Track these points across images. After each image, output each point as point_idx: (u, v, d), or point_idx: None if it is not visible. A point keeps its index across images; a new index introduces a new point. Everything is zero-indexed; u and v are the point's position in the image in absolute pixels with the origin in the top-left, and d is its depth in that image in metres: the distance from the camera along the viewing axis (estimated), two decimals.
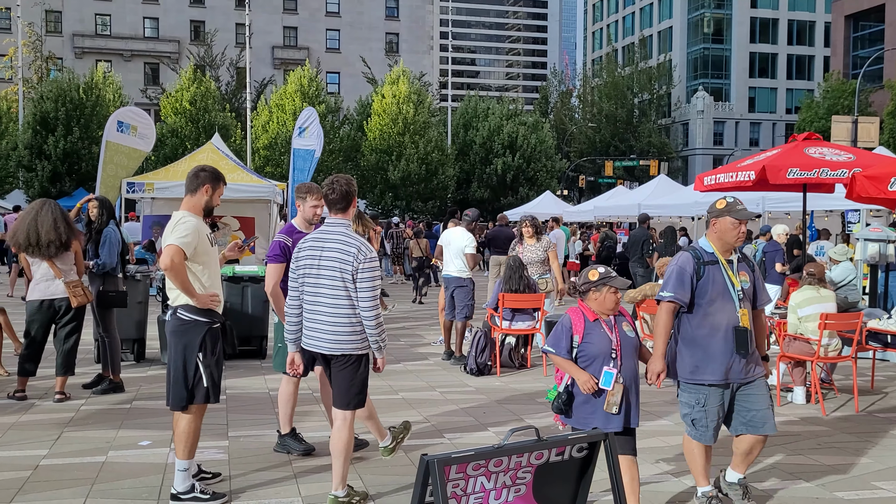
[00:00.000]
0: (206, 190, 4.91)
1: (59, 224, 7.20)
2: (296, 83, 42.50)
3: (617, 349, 4.29)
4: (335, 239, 4.60)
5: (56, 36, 59.60)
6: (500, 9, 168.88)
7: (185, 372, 4.79)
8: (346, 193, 4.72)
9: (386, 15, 67.34)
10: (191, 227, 4.72)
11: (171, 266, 4.62)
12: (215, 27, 58.37)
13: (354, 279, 4.50)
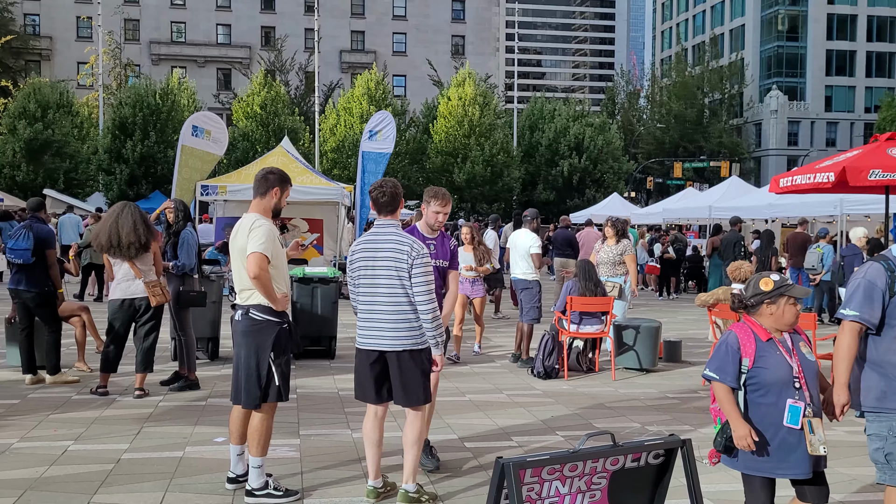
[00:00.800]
0: (275, 193, 5.02)
1: (138, 226, 7.45)
2: (363, 86, 43.01)
3: (800, 377, 3.56)
4: (388, 239, 4.71)
5: (134, 44, 61.63)
6: (566, 9, 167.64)
7: (258, 371, 4.89)
8: (394, 196, 4.88)
9: (452, 18, 67.58)
10: (266, 232, 4.83)
11: (259, 274, 4.73)
12: (285, 33, 59.49)
13: (410, 275, 4.60)
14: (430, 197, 5.52)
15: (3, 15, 55.24)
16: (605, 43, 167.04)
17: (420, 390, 4.73)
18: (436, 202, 5.49)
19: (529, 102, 50.86)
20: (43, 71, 57.39)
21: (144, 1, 62.77)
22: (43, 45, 60.69)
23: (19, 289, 8.08)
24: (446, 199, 5.51)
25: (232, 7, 64.38)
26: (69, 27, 61.34)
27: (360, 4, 66.29)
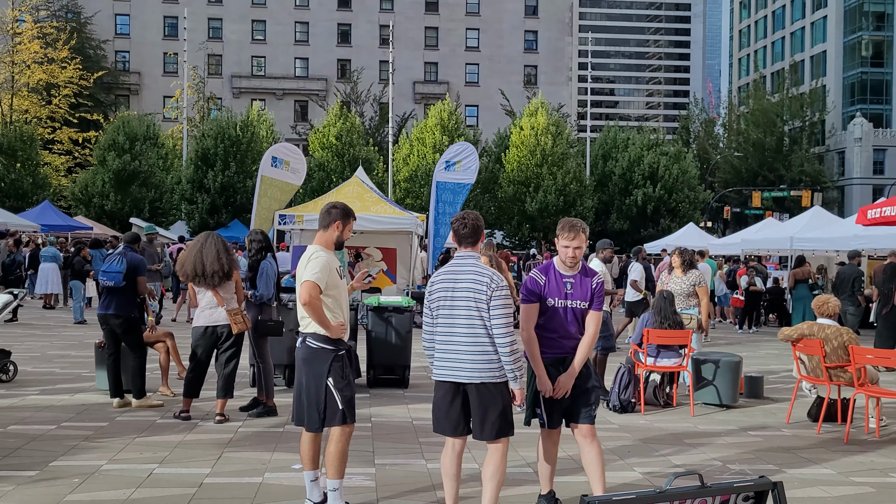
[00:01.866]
0: (337, 226, 5.22)
1: (221, 255, 7.69)
2: (436, 117, 43.50)
3: None
4: (467, 270, 4.70)
5: (216, 78, 63.92)
6: (640, 38, 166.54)
7: (317, 396, 5.05)
8: (475, 228, 4.83)
9: (525, 48, 67.93)
10: (322, 263, 5.02)
11: (308, 301, 4.93)
12: (361, 65, 60.85)
13: (488, 307, 4.57)
14: (559, 230, 5.11)
15: (96, 52, 58.13)
16: (679, 71, 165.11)
17: (499, 424, 4.68)
18: (563, 235, 5.04)
19: (602, 131, 50.55)
20: (132, 105, 60.01)
21: (227, 37, 65.16)
22: (132, 81, 63.52)
23: (108, 314, 8.39)
24: (575, 230, 4.99)
25: (310, 41, 66.21)
26: (156, 63, 64.08)
27: (433, 36, 67.32)
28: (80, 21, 58.04)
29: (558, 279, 5.02)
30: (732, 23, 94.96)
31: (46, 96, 44.79)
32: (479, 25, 67.51)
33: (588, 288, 5.04)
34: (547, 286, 5.01)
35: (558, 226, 5.16)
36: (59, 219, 30.52)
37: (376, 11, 66.31)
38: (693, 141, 62.37)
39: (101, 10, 62.04)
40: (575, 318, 5.01)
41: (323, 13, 66.16)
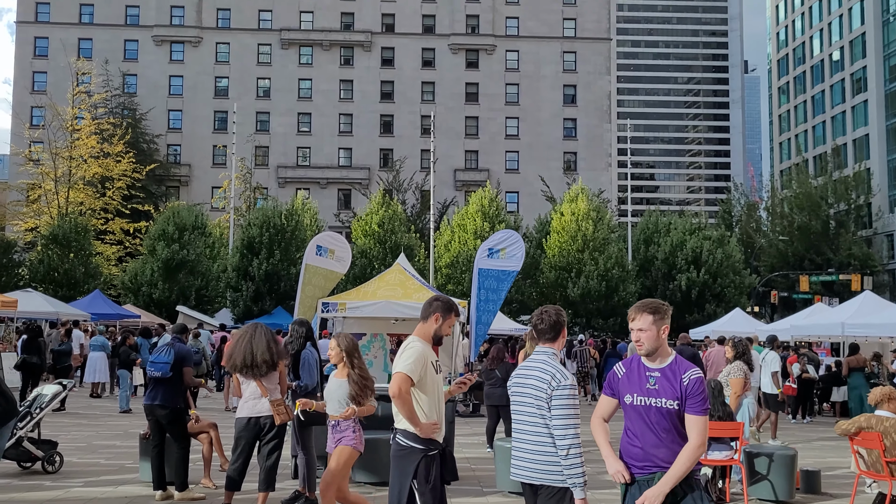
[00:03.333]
0: (437, 318, 5.07)
1: (269, 346, 7.74)
2: (477, 203, 43.97)
3: None
4: (535, 367, 4.60)
5: (263, 168, 65.80)
6: (679, 123, 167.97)
7: (399, 496, 4.88)
8: (555, 324, 4.70)
9: (564, 135, 68.89)
10: (417, 353, 4.86)
11: (398, 394, 4.77)
12: (403, 154, 62.26)
13: (549, 407, 4.41)
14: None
15: (149, 146, 60.46)
16: (720, 155, 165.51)
17: None
18: (629, 317, 4.42)
19: (644, 216, 50.50)
20: (181, 195, 61.87)
21: (274, 129, 67.36)
22: (182, 172, 65.70)
23: (154, 405, 8.46)
24: (638, 310, 4.36)
25: (353, 132, 68.07)
26: (206, 155, 66.31)
27: (473, 125, 68.76)
28: (136, 117, 60.62)
29: (641, 371, 4.29)
30: (772, 108, 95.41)
31: (101, 189, 46.42)
32: (519, 114, 68.85)
33: (678, 384, 4.16)
34: (626, 379, 4.33)
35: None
36: (109, 307, 31.16)
37: (418, 103, 68.14)
38: (736, 225, 61.91)
39: (156, 107, 64.82)
40: (663, 420, 4.16)
41: (366, 105, 68.20)
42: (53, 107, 46.78)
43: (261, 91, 67.97)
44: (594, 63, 69.68)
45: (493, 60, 69.16)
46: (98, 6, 67.30)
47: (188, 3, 67.72)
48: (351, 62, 68.72)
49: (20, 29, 67.31)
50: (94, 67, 57.76)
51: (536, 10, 69.63)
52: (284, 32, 67.95)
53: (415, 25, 69.31)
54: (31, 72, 66.18)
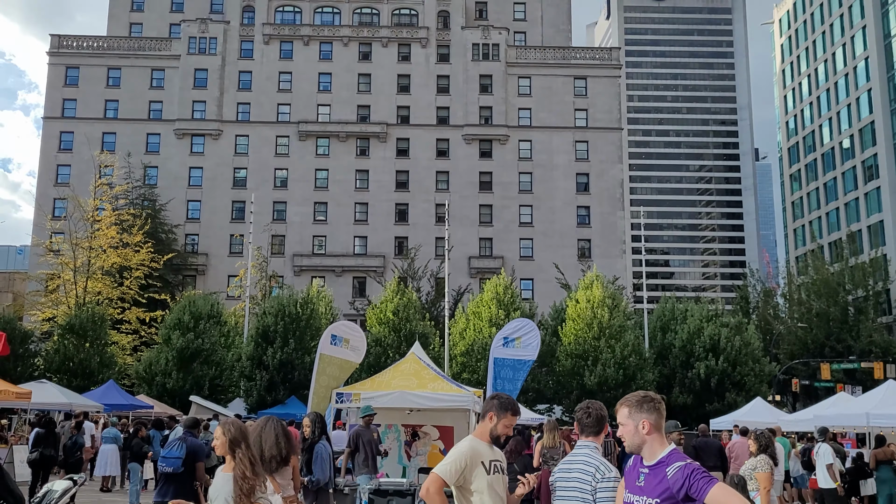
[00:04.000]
0: (491, 417, 5.00)
1: (280, 440, 7.61)
2: (491, 291, 43.92)
3: None
4: (579, 460, 4.68)
5: (279, 257, 66.39)
6: (692, 210, 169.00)
7: None
8: (600, 419, 4.82)
9: (577, 223, 69.35)
10: (458, 454, 4.78)
11: (424, 494, 4.69)
12: (417, 242, 62.71)
13: (594, 499, 4.50)
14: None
15: (168, 236, 61.30)
16: (734, 241, 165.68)
17: None
18: (619, 412, 4.25)
19: (659, 303, 50.20)
20: (198, 284, 62.33)
21: (291, 218, 68.30)
22: (199, 262, 66.39)
23: (165, 501, 8.29)
24: (621, 403, 4.20)
25: (369, 220, 68.87)
26: (223, 244, 67.12)
27: (487, 213, 69.45)
28: (155, 208, 61.73)
29: (635, 468, 4.14)
30: (784, 195, 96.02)
31: (119, 278, 46.87)
32: (532, 202, 69.56)
33: (663, 479, 3.94)
34: (626, 476, 4.22)
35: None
36: (122, 398, 30.97)
37: (432, 191, 69.12)
38: (753, 312, 61.35)
39: (176, 197, 66.07)
40: None
41: (381, 194, 69.20)
42: (75, 198, 47.78)
43: (278, 181, 69.26)
44: (606, 152, 70.74)
45: (507, 150, 70.38)
46: (123, 102, 69.52)
47: (210, 98, 69.83)
48: (367, 152, 70.12)
49: (47, 124, 69.44)
50: (116, 160, 59.25)
51: (548, 101, 71.24)
52: (302, 124, 69.68)
53: (429, 117, 70.95)
54: (56, 165, 67.94)
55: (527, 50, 72.89)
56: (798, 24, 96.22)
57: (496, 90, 71.10)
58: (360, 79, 71.47)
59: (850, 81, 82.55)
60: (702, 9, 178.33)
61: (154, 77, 70.32)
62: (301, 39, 71.53)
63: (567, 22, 77.62)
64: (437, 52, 72.11)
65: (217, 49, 70.60)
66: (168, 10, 75.25)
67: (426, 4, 72.75)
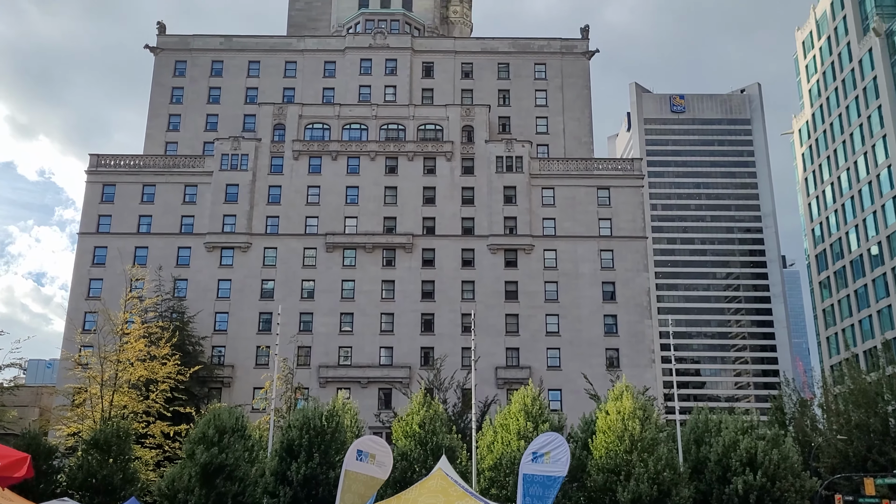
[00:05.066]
0: None
1: None
2: (519, 402, 43.09)
3: None
4: None
5: (305, 368, 66.16)
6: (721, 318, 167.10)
7: None
8: None
9: (605, 332, 68.71)
10: None
11: None
12: (443, 353, 62.27)
13: None
14: None
15: (195, 348, 61.51)
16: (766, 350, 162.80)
17: None
18: None
19: (692, 414, 48.90)
20: (223, 397, 62.08)
21: (317, 329, 68.45)
22: (225, 374, 66.29)
23: None
24: None
25: (395, 331, 68.79)
26: (249, 356, 67.17)
27: (514, 323, 69.13)
28: (184, 320, 62.24)
29: None
30: (815, 302, 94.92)
31: (145, 391, 46.77)
32: (559, 311, 69.26)
33: None
34: None
35: None
36: None
37: (458, 301, 69.19)
38: (790, 423, 59.52)
39: (204, 309, 66.72)
40: None
41: (407, 304, 69.37)
42: (106, 312, 48.37)
43: (305, 292, 69.85)
44: (631, 260, 70.83)
45: (532, 259, 70.73)
46: (156, 217, 71.41)
47: (240, 212, 71.53)
48: (393, 263, 70.80)
49: (82, 239, 71.27)
50: (147, 273, 60.29)
51: (572, 211, 72.06)
52: (329, 236, 70.84)
53: (454, 227, 71.87)
54: (88, 279, 69.27)
55: (550, 161, 74.36)
56: (818, 134, 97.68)
57: (520, 201, 72.15)
58: (387, 191, 73.03)
59: (875, 189, 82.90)
60: (721, 120, 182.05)
61: (187, 193, 72.40)
62: (329, 154, 73.67)
63: (588, 134, 79.43)
64: (462, 164, 73.78)
65: (248, 165, 72.83)
66: (203, 129, 78.31)
67: (450, 119, 74.98)
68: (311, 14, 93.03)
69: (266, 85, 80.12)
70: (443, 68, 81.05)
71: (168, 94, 79.73)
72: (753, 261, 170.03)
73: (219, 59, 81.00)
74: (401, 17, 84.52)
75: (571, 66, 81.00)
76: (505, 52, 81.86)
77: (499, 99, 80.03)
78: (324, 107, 76.33)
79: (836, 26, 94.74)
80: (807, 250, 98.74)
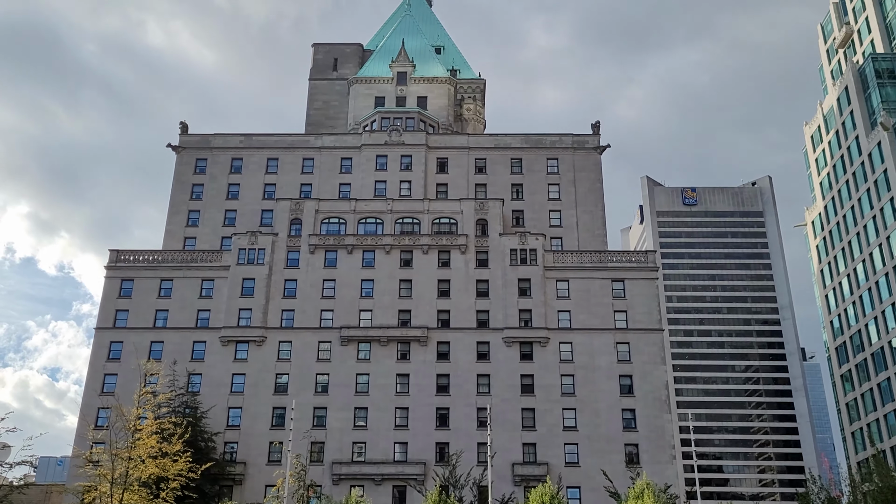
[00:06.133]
0: None
1: None
2: (537, 500, 42.03)
3: None
4: None
5: (318, 465, 64.93)
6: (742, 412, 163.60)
7: None
8: None
9: (623, 426, 67.35)
10: None
11: None
12: (459, 448, 61.05)
13: None
14: None
15: (207, 444, 60.65)
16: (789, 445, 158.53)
17: None
18: None
19: None
20: (234, 495, 60.77)
21: (330, 424, 67.53)
22: (237, 471, 65.11)
23: None
24: None
25: (409, 426, 67.71)
26: (262, 452, 66.13)
27: (530, 417, 67.97)
28: (196, 415, 61.64)
29: None
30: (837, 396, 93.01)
31: (155, 489, 45.89)
32: (576, 405, 68.15)
33: None
34: None
35: None
36: None
37: (473, 395, 68.31)
38: None
39: (217, 404, 66.20)
40: None
41: (422, 398, 68.54)
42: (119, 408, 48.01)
43: (319, 386, 69.27)
44: (648, 353, 70.06)
45: (548, 352, 70.12)
46: (172, 311, 71.76)
47: (255, 306, 71.82)
48: (407, 356, 70.36)
49: (98, 334, 71.47)
50: (161, 368, 60.11)
51: (587, 303, 71.84)
52: (344, 329, 70.73)
53: (469, 320, 71.66)
54: (103, 374, 69.12)
55: (564, 254, 74.68)
56: (831, 226, 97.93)
57: (535, 293, 72.12)
58: (402, 284, 73.28)
59: (892, 280, 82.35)
60: (733, 212, 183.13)
61: (203, 287, 72.94)
62: (345, 248, 74.39)
63: (602, 227, 79.98)
64: (476, 257, 74.18)
65: (265, 259, 73.58)
66: (221, 224, 79.52)
67: (465, 213, 75.88)
68: (328, 113, 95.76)
69: (284, 181, 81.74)
70: (457, 163, 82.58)
71: (188, 191, 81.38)
72: (772, 353, 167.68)
73: (238, 156, 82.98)
74: (416, 115, 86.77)
75: (583, 160, 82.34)
76: (518, 147, 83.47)
77: (512, 193, 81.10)
78: (340, 201, 77.58)
79: (843, 121, 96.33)
80: (826, 342, 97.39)
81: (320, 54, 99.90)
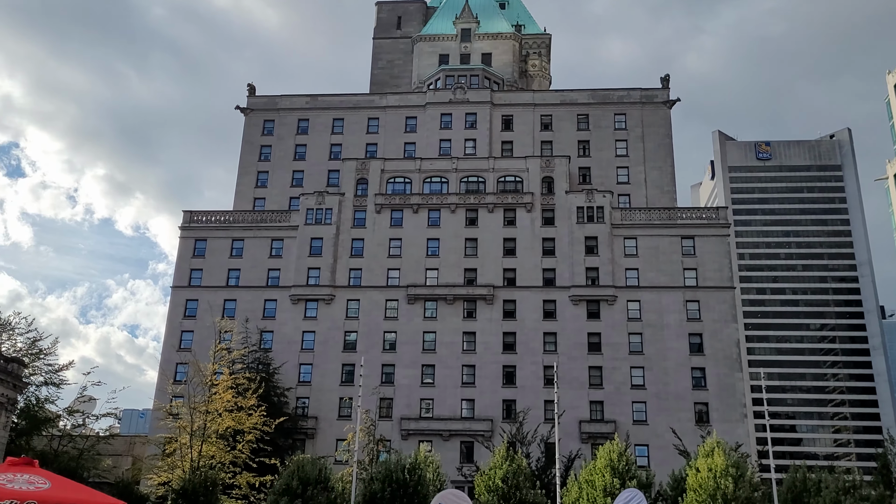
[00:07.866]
0: None
1: None
2: (605, 458, 41.91)
3: None
4: None
5: (387, 420, 66.21)
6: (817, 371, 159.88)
7: None
8: None
9: (693, 385, 66.60)
10: None
11: None
12: (526, 405, 61.41)
13: None
14: None
15: (280, 399, 62.41)
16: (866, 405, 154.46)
17: None
18: None
19: (789, 472, 46.58)
20: (307, 448, 62.51)
21: (399, 381, 68.61)
22: (309, 426, 66.94)
23: None
24: None
25: (476, 383, 68.30)
26: (332, 408, 67.76)
27: (597, 375, 67.75)
28: (269, 371, 63.38)
29: None
30: None
31: (232, 442, 47.57)
32: (644, 364, 67.61)
33: None
34: None
35: None
36: None
37: (540, 353, 68.37)
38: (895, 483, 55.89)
39: (289, 361, 67.88)
40: None
41: (489, 356, 68.93)
42: (196, 363, 49.72)
43: (387, 344, 70.30)
44: (719, 311, 68.80)
45: (615, 310, 69.51)
46: (244, 271, 73.55)
47: (324, 265, 72.99)
48: (474, 315, 70.68)
49: (175, 293, 73.87)
50: (235, 326, 61.85)
51: (655, 261, 70.74)
52: (411, 288, 71.38)
53: (535, 279, 71.43)
54: (180, 331, 71.55)
55: (632, 211, 73.46)
56: None
57: (602, 251, 71.31)
58: (467, 243, 73.35)
59: None
60: (810, 167, 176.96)
61: (273, 247, 74.41)
62: (411, 207, 74.71)
63: (671, 183, 78.29)
64: (542, 215, 73.62)
65: (332, 219, 74.51)
66: (289, 184, 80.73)
67: (530, 171, 75.17)
68: (392, 72, 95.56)
69: (349, 141, 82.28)
70: (522, 121, 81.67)
71: (257, 152, 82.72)
72: (849, 311, 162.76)
73: (305, 117, 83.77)
74: (480, 72, 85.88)
75: (652, 115, 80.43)
76: (584, 103, 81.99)
77: (579, 150, 79.93)
78: (405, 161, 77.76)
79: None
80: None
81: (384, 13, 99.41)
